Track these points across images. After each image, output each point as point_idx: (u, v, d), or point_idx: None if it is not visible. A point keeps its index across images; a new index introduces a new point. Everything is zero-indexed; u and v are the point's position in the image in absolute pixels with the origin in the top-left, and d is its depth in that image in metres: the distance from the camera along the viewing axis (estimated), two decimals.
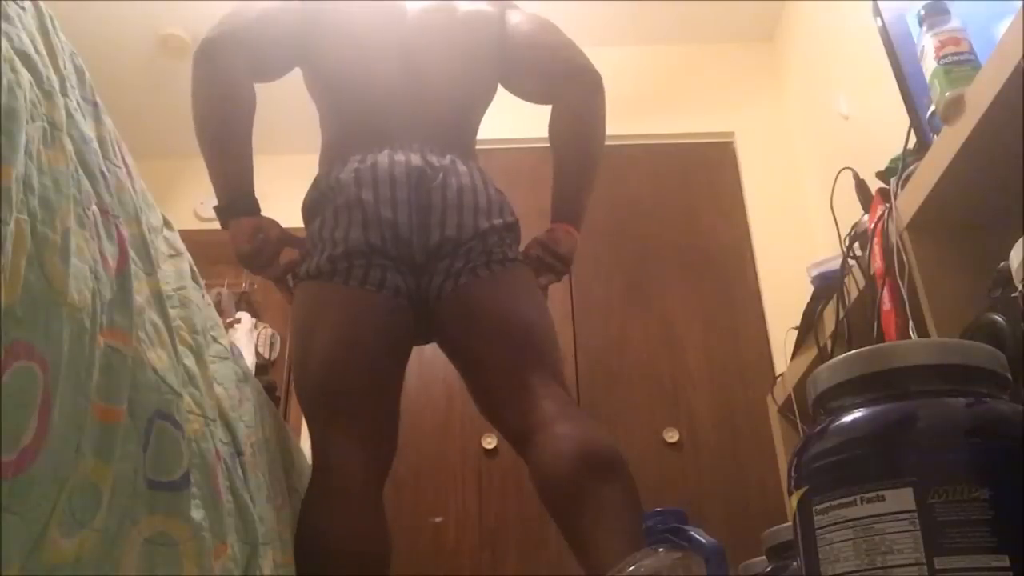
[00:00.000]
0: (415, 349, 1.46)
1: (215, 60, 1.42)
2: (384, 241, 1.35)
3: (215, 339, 1.10)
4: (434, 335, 1.45)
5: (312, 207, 1.46)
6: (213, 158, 1.42)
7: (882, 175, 1.54)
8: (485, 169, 1.51)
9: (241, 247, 1.43)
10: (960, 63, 1.18)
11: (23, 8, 0.66)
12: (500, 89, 1.66)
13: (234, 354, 1.19)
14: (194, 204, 3.87)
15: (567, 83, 1.55)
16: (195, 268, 1.09)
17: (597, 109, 1.55)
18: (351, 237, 1.35)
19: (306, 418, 1.36)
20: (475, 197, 1.41)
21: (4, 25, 0.61)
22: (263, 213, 1.47)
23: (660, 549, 0.85)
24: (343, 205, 1.38)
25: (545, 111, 1.60)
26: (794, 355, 1.93)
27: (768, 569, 1.26)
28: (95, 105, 0.81)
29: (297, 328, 1.41)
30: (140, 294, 0.77)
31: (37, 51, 0.66)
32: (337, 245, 1.36)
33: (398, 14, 1.56)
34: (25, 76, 0.62)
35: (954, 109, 1.14)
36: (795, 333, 1.89)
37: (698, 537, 0.83)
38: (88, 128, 0.75)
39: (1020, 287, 0.90)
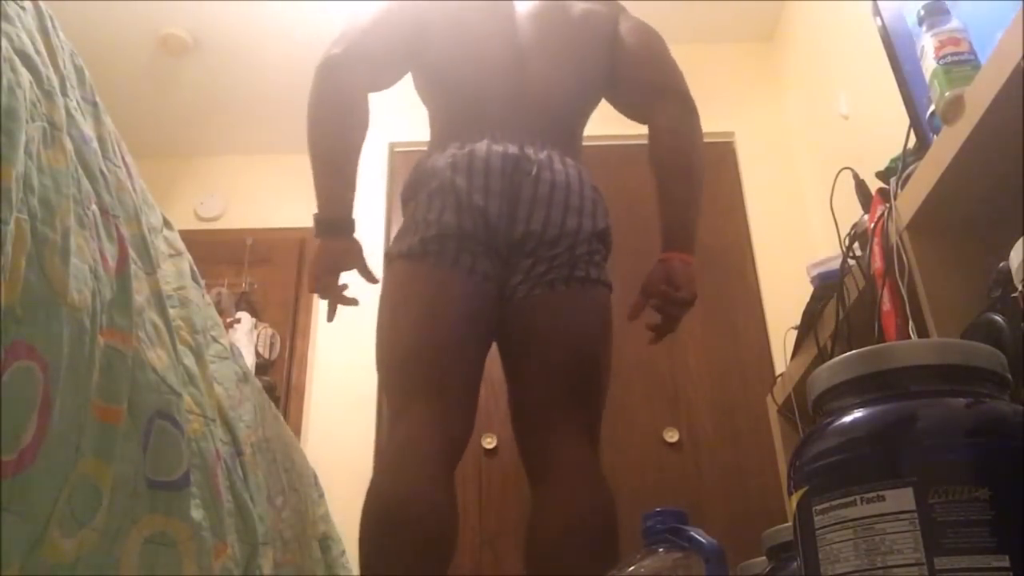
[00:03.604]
0: None
1: (339, 77, 1.45)
2: (476, 227, 1.36)
3: (215, 339, 1.10)
4: (497, 330, 1.45)
5: (408, 191, 1.48)
6: (322, 173, 1.45)
7: (882, 175, 1.54)
8: (587, 168, 1.50)
9: (319, 273, 1.45)
10: (960, 63, 1.18)
11: (23, 8, 0.66)
12: None
13: (234, 354, 1.19)
14: (194, 204, 3.87)
15: (661, 100, 1.57)
16: (195, 268, 1.09)
17: (694, 128, 1.55)
18: (444, 220, 1.36)
19: (386, 390, 1.37)
20: (567, 195, 1.40)
21: (4, 25, 0.61)
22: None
23: (660, 549, 0.85)
24: (437, 189, 1.39)
25: None
26: (794, 355, 1.93)
27: (768, 569, 1.26)
28: (95, 105, 0.81)
29: (386, 304, 1.42)
30: (140, 294, 0.77)
31: (37, 51, 0.66)
32: (430, 227, 1.37)
33: (508, 11, 1.58)
34: (25, 76, 0.61)
35: (954, 109, 1.14)
36: (795, 333, 1.89)
37: (698, 537, 0.83)
38: (88, 128, 0.75)
39: (1020, 287, 0.90)
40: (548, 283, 1.37)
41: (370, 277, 1.51)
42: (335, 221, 1.44)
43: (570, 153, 1.49)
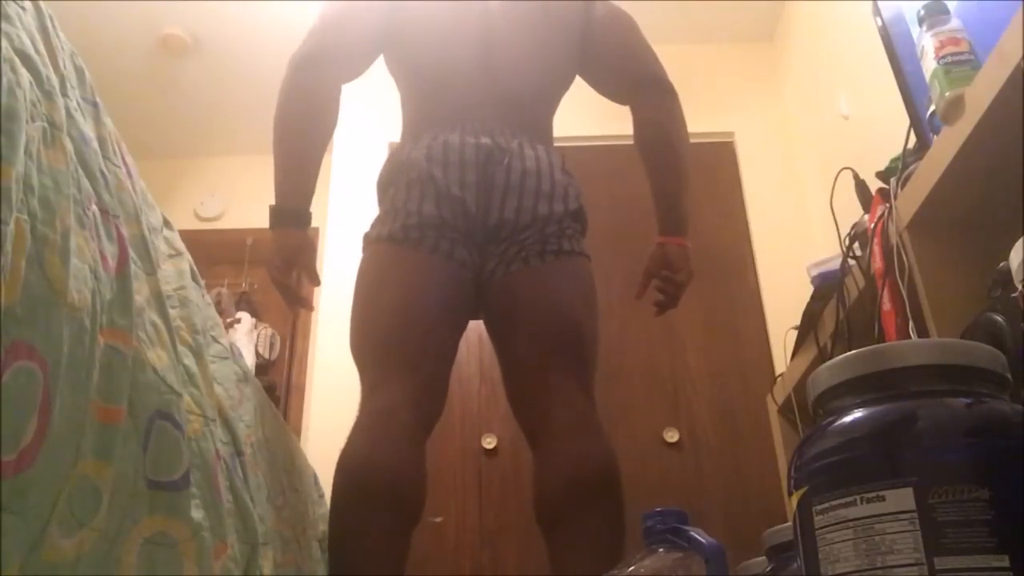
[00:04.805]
0: None
1: (313, 73, 1.47)
2: (455, 217, 1.40)
3: (215, 339, 1.10)
4: (482, 314, 1.49)
5: (386, 179, 1.50)
6: (287, 166, 1.47)
7: (882, 175, 1.54)
8: (556, 153, 1.53)
9: (276, 263, 1.44)
10: (960, 63, 1.18)
11: (23, 8, 0.66)
12: None
13: (234, 354, 1.19)
14: (194, 204, 3.87)
15: (641, 90, 1.60)
16: (195, 268, 1.09)
17: (676, 114, 1.59)
18: (424, 210, 1.40)
19: (361, 364, 1.39)
20: (538, 181, 1.43)
21: (4, 25, 0.61)
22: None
23: (660, 549, 0.85)
24: (415, 179, 1.42)
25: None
26: (794, 355, 1.93)
27: (768, 569, 1.26)
28: (95, 105, 0.81)
29: (365, 282, 1.45)
30: (140, 294, 0.77)
31: (37, 51, 0.66)
32: (410, 215, 1.41)
33: (480, 1, 1.59)
34: (25, 76, 0.61)
35: (954, 109, 1.14)
36: (795, 333, 1.89)
37: (698, 537, 0.83)
38: (88, 128, 0.75)
39: (1020, 287, 0.90)
40: (522, 259, 1.41)
41: (314, 279, 1.50)
42: (292, 209, 1.45)
43: (539, 139, 1.52)
